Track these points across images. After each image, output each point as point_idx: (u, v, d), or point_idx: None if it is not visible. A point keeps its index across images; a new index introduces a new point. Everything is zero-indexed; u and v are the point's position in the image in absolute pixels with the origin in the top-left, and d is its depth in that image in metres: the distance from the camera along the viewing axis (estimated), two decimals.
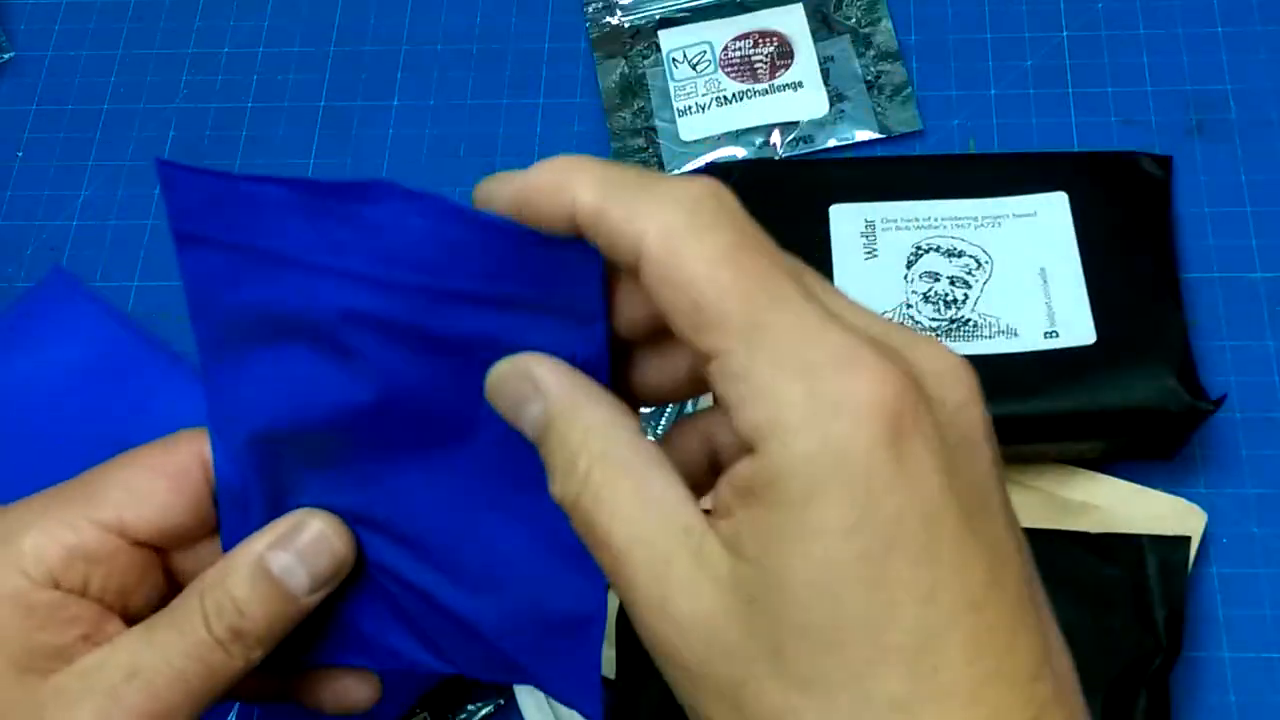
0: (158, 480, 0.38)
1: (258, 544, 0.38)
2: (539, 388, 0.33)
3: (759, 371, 0.29)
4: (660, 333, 0.33)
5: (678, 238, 0.30)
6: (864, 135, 0.70)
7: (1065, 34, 0.72)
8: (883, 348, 0.29)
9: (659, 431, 0.62)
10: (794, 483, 0.28)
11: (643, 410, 0.62)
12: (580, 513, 0.31)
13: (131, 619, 0.38)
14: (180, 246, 0.35)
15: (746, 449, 0.29)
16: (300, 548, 0.37)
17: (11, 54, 0.77)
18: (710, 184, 0.31)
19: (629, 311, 0.33)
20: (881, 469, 0.28)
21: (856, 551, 0.28)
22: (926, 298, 0.60)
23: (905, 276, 0.61)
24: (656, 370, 0.34)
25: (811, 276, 0.32)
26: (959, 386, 0.30)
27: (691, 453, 0.35)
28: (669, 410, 0.62)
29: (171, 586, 0.40)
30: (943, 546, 0.28)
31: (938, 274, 0.61)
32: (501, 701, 0.57)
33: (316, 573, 0.38)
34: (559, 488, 0.32)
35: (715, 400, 0.30)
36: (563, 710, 0.55)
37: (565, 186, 0.31)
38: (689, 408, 0.62)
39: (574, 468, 0.32)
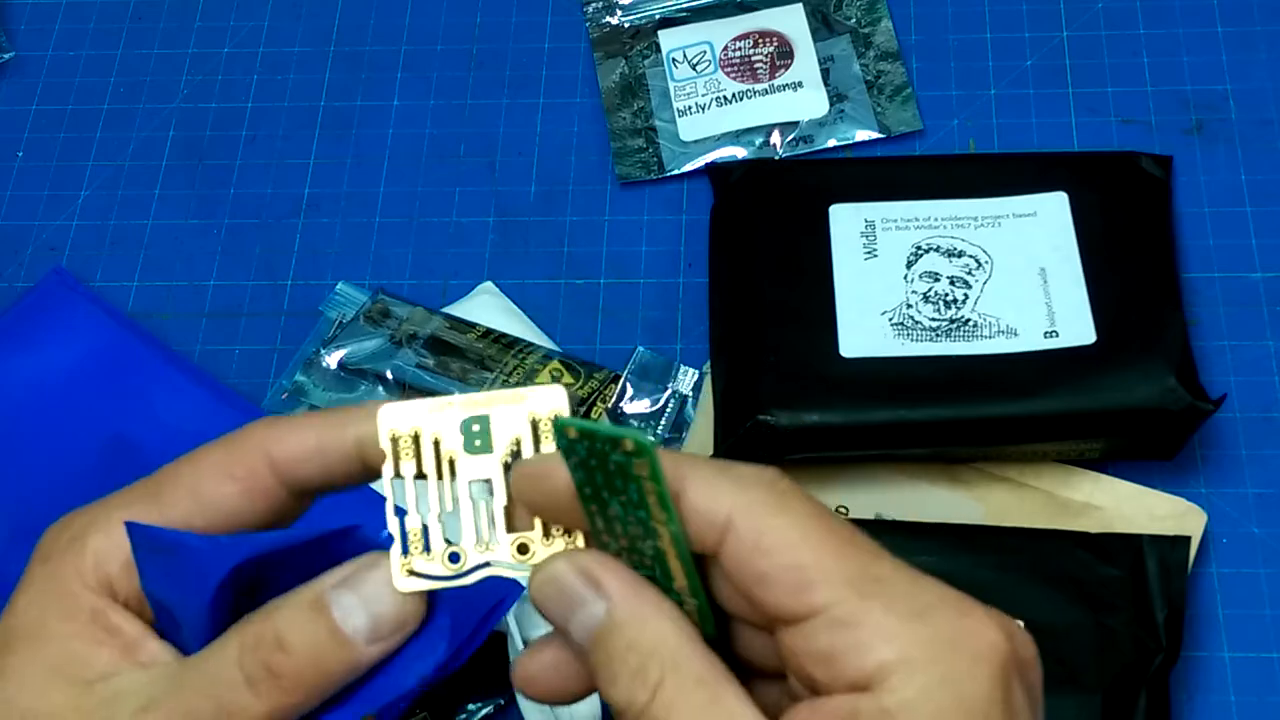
0: (226, 484, 0.35)
1: (322, 582, 0.34)
2: (602, 589, 0.32)
3: (876, 617, 0.31)
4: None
5: (765, 510, 0.32)
6: (864, 135, 0.70)
7: (1065, 34, 0.72)
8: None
9: (658, 432, 0.62)
10: (912, 714, 0.30)
11: (640, 411, 0.62)
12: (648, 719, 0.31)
13: None
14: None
15: (853, 689, 0.30)
16: (366, 590, 0.33)
17: (11, 54, 0.77)
18: (773, 468, 0.33)
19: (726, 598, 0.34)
20: (995, 707, 0.30)
21: None
22: (926, 298, 0.60)
23: (905, 276, 0.61)
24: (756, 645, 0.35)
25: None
26: (1030, 645, 0.32)
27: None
28: (669, 409, 0.62)
29: None
30: None
31: (938, 274, 0.61)
32: (501, 701, 0.57)
33: (379, 617, 0.33)
34: (623, 693, 0.32)
35: (795, 658, 0.32)
36: (563, 711, 0.55)
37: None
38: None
39: (644, 675, 0.31)
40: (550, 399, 0.33)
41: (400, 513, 0.34)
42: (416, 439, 0.34)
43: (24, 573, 0.35)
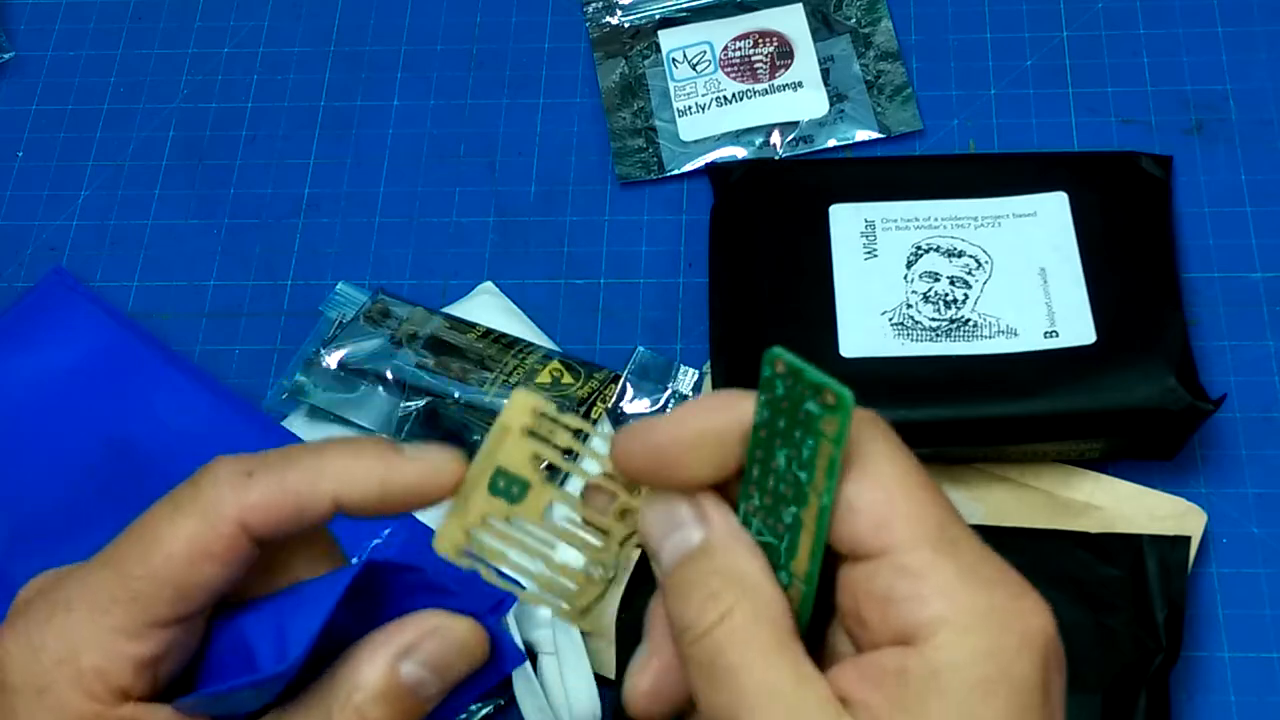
0: (207, 567, 0.34)
1: (388, 648, 0.35)
2: (704, 517, 0.33)
3: (942, 574, 0.31)
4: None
5: (866, 439, 0.32)
6: (864, 135, 0.70)
7: (1065, 34, 0.72)
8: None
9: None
10: (959, 675, 0.30)
11: (640, 411, 0.62)
12: (709, 642, 0.32)
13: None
14: None
15: (896, 641, 0.31)
16: (432, 658, 0.35)
17: (11, 54, 0.77)
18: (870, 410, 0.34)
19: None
20: (1035, 692, 0.31)
21: None
22: (926, 298, 0.60)
23: (905, 276, 0.61)
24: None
25: None
26: (1061, 642, 0.33)
27: None
28: (669, 410, 0.62)
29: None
30: None
31: (938, 274, 0.61)
32: (501, 701, 0.57)
33: (449, 680, 0.36)
34: (694, 610, 0.32)
35: (852, 597, 0.32)
36: (563, 711, 0.55)
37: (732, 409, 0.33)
38: None
39: (719, 599, 0.32)
40: (522, 404, 0.34)
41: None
42: (469, 533, 0.34)
43: (9, 705, 0.34)
